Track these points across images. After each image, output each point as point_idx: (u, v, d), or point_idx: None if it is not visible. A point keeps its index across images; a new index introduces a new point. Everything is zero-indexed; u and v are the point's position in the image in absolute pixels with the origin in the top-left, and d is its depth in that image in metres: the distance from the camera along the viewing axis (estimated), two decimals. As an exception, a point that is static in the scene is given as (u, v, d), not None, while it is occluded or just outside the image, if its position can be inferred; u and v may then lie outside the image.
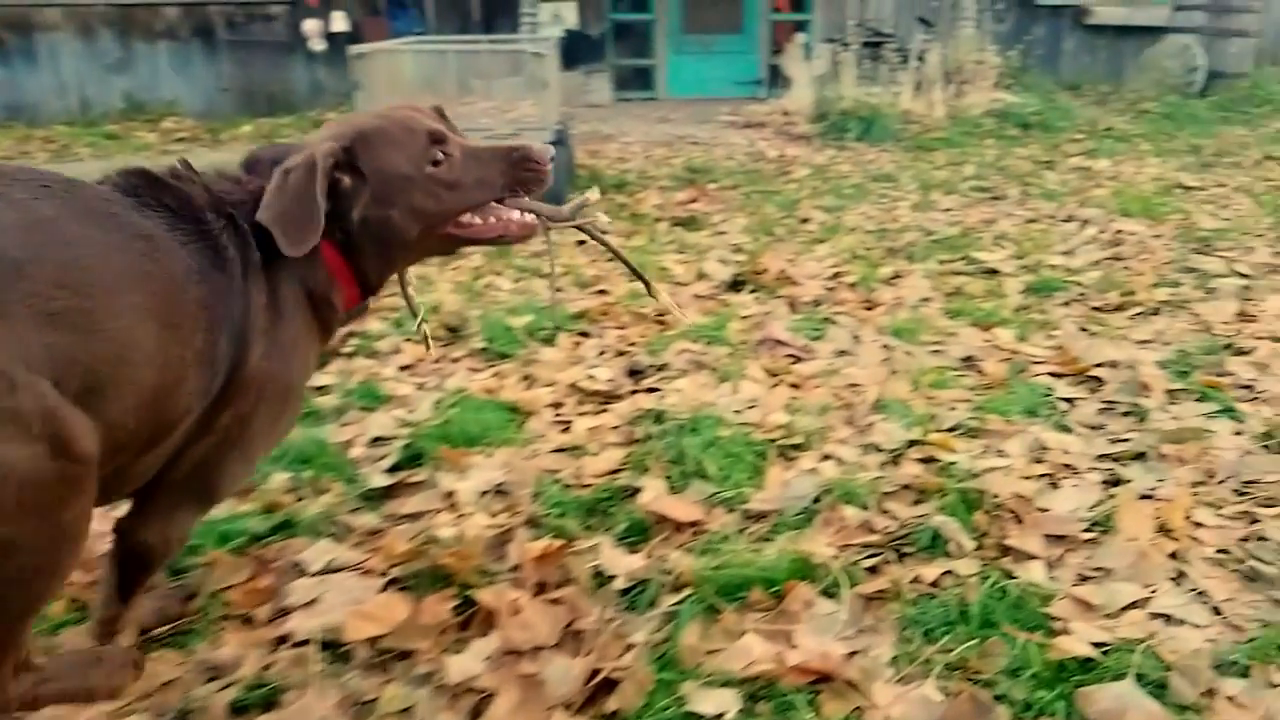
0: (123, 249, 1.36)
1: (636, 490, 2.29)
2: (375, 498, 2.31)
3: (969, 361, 3.12)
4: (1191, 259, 4.43)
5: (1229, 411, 2.67)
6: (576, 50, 9.58)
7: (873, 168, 7.01)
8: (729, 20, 10.37)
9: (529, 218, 1.78)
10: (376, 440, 2.58)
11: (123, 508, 1.65)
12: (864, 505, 2.19)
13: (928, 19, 10.15)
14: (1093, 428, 2.63)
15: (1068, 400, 2.79)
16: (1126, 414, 2.70)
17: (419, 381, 3.03)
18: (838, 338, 3.34)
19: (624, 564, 1.98)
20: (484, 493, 2.31)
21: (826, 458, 2.46)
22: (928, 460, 2.42)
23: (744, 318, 3.61)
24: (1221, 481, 2.30)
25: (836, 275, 4.17)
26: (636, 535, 2.12)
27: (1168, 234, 4.94)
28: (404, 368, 3.15)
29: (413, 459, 2.47)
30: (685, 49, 10.09)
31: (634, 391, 2.92)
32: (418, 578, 1.94)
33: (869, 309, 3.72)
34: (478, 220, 1.74)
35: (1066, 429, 2.61)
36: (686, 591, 1.89)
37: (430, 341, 2.05)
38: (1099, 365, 3.03)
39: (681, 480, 2.33)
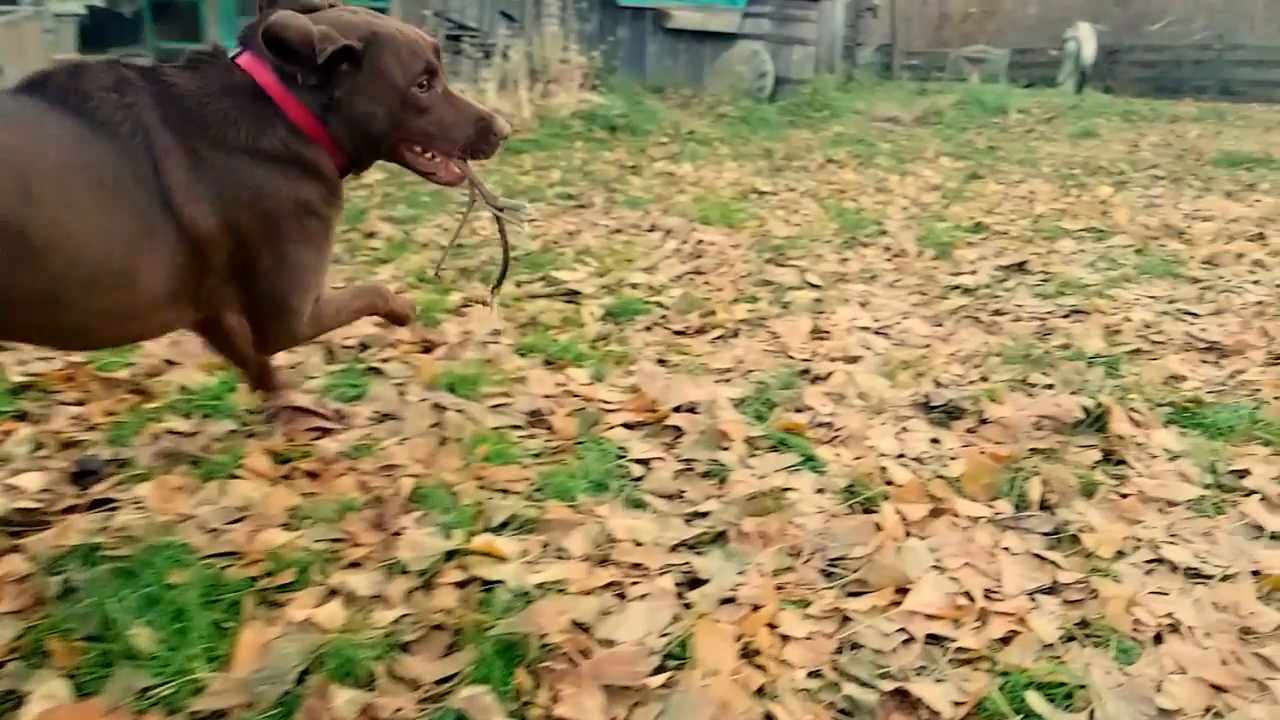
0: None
1: (20, 701, 1.49)
2: None
3: (536, 418, 2.61)
4: (768, 270, 4.32)
5: (810, 461, 2.38)
6: (104, 30, 8.03)
7: (456, 172, 6.44)
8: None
9: (457, 172, 2.06)
10: None
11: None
12: (369, 678, 1.56)
13: (511, 14, 9.80)
14: (670, 498, 2.22)
15: (643, 463, 2.36)
16: (707, 475, 2.32)
17: None
18: (382, 396, 2.69)
19: None
20: None
21: (332, 595, 1.80)
22: (467, 582, 1.84)
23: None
24: (808, 560, 1.96)
25: (394, 307, 3.51)
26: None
27: (745, 243, 4.86)
28: None
29: None
30: (243, 33, 8.88)
31: (73, 508, 2.06)
32: None
33: (426, 351, 3.11)
34: (424, 154, 2.03)
35: (640, 505, 2.16)
36: None
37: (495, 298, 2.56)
38: (677, 409, 2.65)
39: (98, 671, 1.56)
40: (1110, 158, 8.54)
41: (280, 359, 2.55)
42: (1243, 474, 2.33)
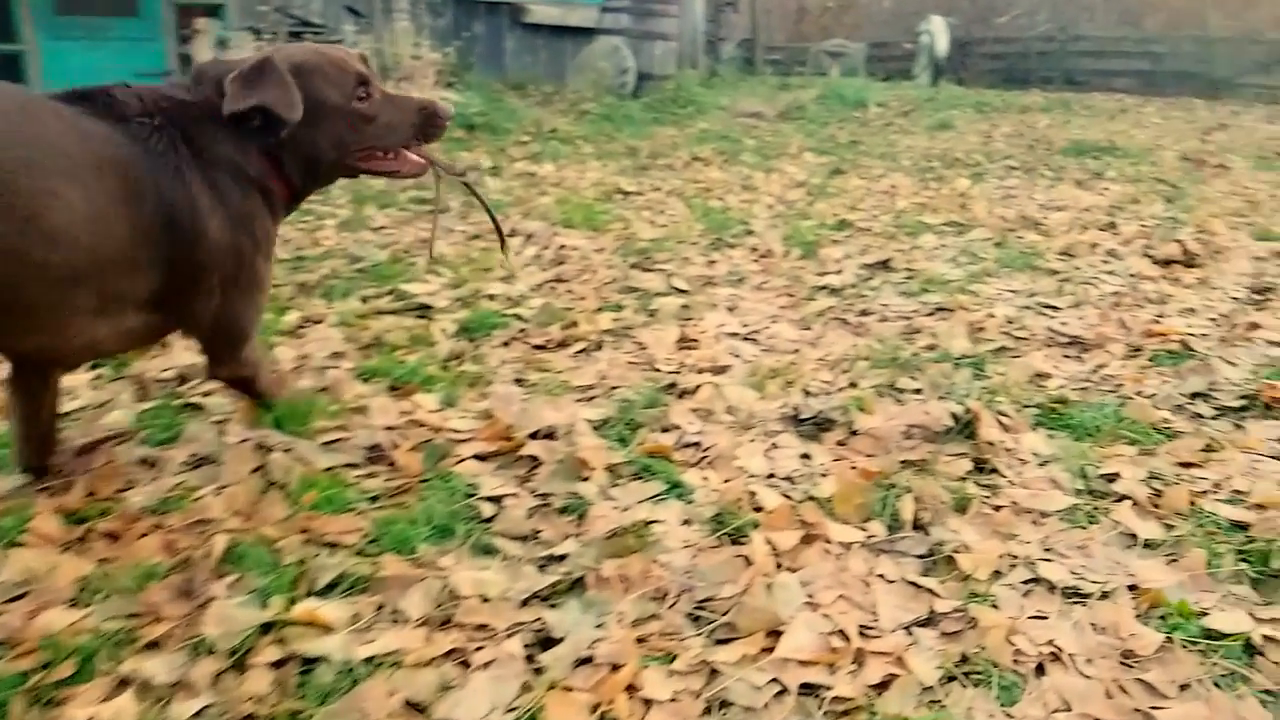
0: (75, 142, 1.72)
1: None
2: None
3: (376, 454, 2.37)
4: (633, 276, 4.16)
5: (676, 488, 2.22)
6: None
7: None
8: (118, 1, 8.54)
9: (420, 161, 2.18)
10: None
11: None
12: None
13: (357, 9, 9.36)
14: (524, 539, 2.02)
15: (494, 500, 2.15)
16: (564, 510, 2.13)
17: None
18: (199, 438, 2.39)
19: None
20: None
21: (123, 686, 1.53)
22: (284, 661, 1.60)
23: (69, 414, 2.51)
24: (673, 604, 1.79)
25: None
26: None
27: (610, 247, 4.69)
28: None
29: None
30: (65, 33, 8.12)
31: None
32: None
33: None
34: (380, 156, 2.13)
35: (489, 551, 1.96)
36: None
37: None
38: (534, 436, 2.45)
39: None
40: (966, 149, 8.74)
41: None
42: (1112, 478, 2.28)
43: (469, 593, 1.77)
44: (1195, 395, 2.84)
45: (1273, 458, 2.46)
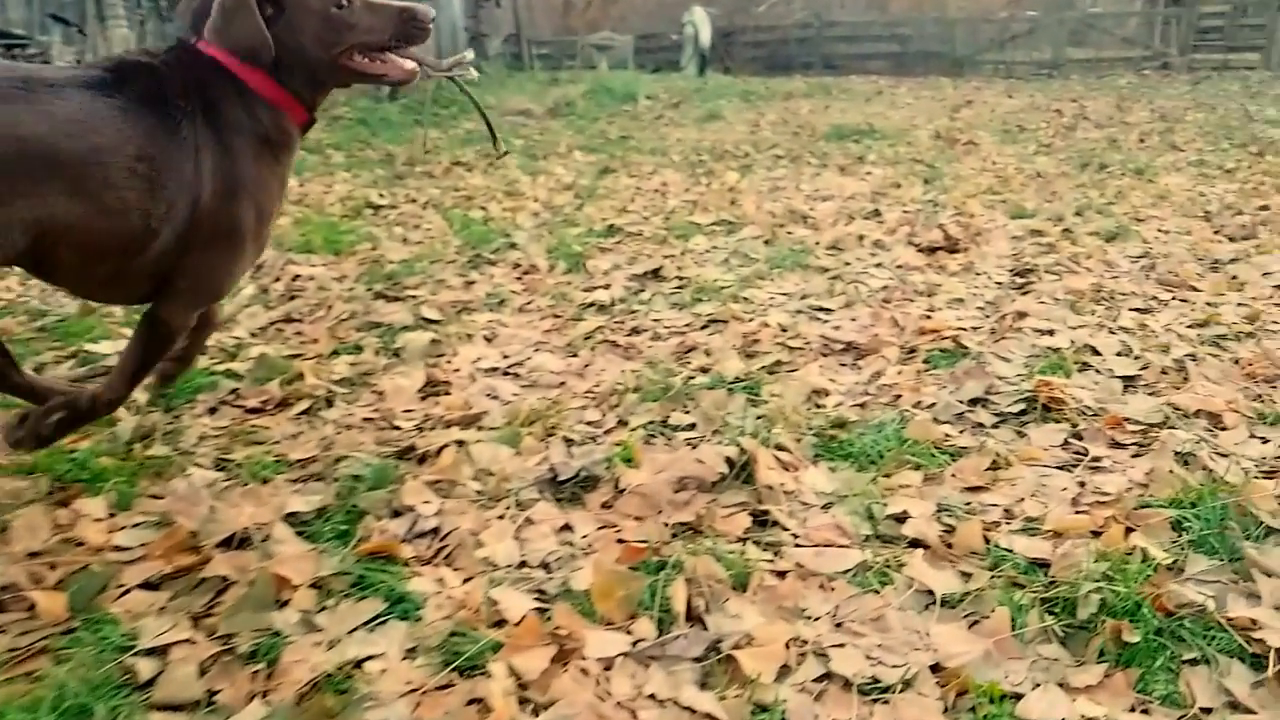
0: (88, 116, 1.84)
1: None
2: None
3: (10, 594, 1.81)
4: (376, 308, 3.67)
5: (401, 603, 1.79)
6: None
7: None
8: None
9: (410, 64, 2.27)
10: None
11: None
12: None
13: (64, 17, 8.25)
14: (192, 710, 1.54)
15: (158, 654, 1.65)
16: (252, 657, 1.65)
17: None
18: None
19: None
20: None
21: None
22: None
23: None
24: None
25: None
26: None
27: (352, 273, 4.17)
28: None
29: None
30: None
31: None
32: None
33: None
34: (368, 59, 2.21)
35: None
36: None
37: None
38: (226, 544, 1.96)
39: None
40: (735, 140, 8.70)
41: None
42: (902, 517, 2.05)
43: (94, 820, 1.29)
44: (974, 401, 2.69)
45: (1058, 468, 2.32)
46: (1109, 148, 7.81)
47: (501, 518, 2.10)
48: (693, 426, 2.56)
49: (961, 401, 2.68)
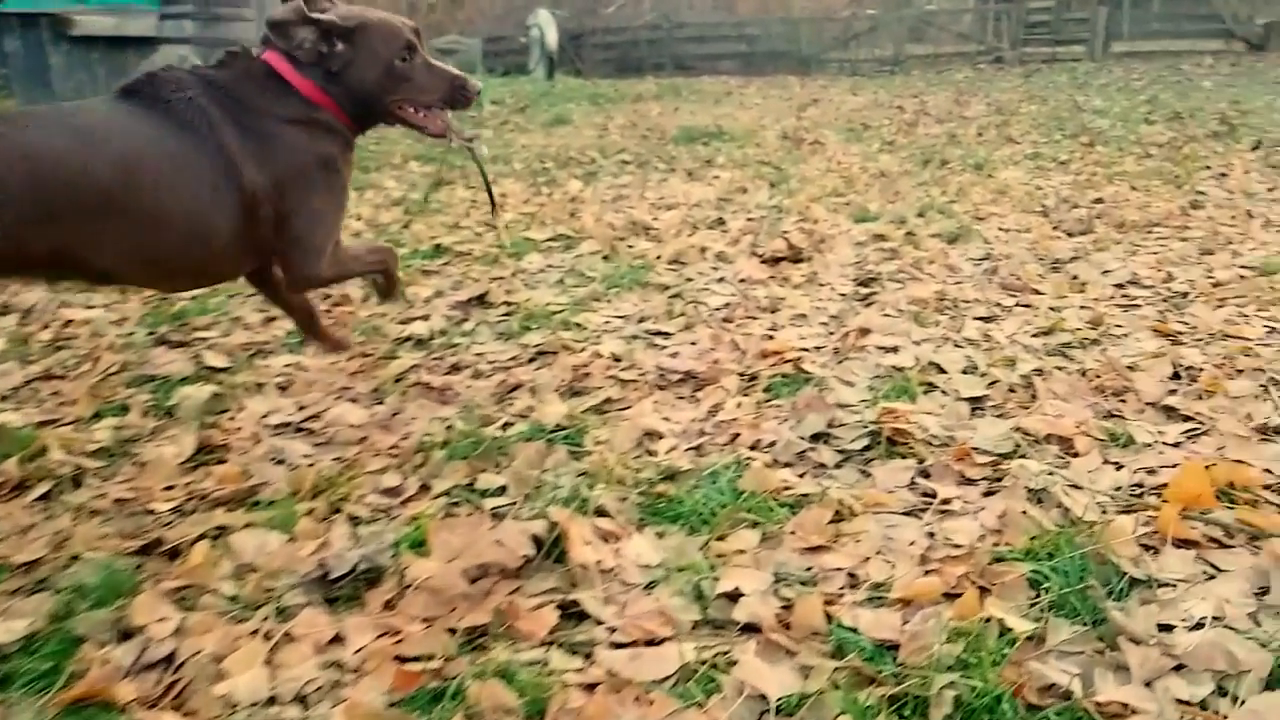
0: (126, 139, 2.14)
1: None
2: None
3: None
4: (154, 356, 3.20)
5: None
6: None
7: None
8: None
9: (442, 125, 2.54)
10: None
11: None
12: None
13: None
14: None
15: None
16: None
17: None
18: None
19: None
20: None
21: None
22: None
23: None
24: None
25: None
26: None
27: (135, 315, 3.67)
28: None
29: None
30: None
31: None
32: None
33: None
34: (414, 110, 2.50)
35: None
36: None
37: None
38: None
39: None
40: (581, 145, 8.41)
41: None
42: (735, 596, 1.77)
43: None
44: (816, 437, 2.45)
45: (905, 513, 2.09)
46: (949, 143, 7.87)
47: (255, 633, 1.72)
48: (503, 490, 2.23)
49: (803, 438, 2.44)
